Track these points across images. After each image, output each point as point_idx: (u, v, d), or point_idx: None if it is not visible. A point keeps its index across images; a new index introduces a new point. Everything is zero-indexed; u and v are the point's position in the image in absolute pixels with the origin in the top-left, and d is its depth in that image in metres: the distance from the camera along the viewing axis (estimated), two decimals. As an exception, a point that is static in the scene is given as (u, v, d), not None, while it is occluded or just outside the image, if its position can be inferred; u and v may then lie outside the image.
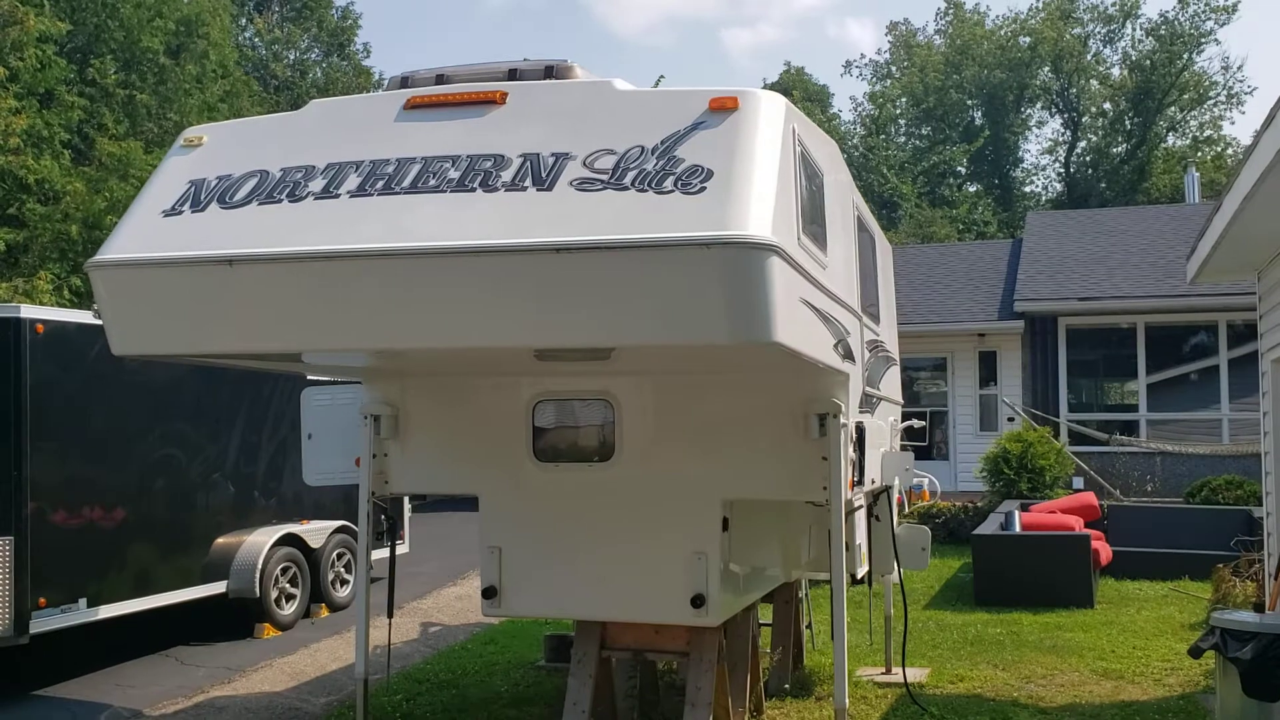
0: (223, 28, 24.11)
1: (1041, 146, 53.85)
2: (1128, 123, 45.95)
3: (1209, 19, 44.18)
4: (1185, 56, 44.47)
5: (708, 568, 6.08)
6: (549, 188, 4.42)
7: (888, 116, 47.96)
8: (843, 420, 5.88)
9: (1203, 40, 44.41)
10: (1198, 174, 28.54)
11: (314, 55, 33.96)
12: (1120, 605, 11.57)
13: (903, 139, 48.10)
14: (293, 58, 32.60)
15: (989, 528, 12.69)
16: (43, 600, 8.49)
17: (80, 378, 8.94)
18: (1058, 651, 9.59)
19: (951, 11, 49.40)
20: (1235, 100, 45.38)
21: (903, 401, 9.74)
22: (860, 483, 6.49)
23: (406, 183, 4.60)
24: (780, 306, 4.27)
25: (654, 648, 6.73)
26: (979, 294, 20.74)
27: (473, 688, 8.82)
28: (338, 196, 4.66)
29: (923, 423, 9.71)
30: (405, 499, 12.85)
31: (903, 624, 8.22)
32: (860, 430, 6.41)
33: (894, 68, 50.26)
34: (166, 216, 4.81)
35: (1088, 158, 47.61)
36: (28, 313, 8.54)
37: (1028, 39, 46.21)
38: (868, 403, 7.11)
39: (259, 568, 10.46)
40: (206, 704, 8.51)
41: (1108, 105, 46.67)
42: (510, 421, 6.44)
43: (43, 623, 8.49)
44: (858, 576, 7.10)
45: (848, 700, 6.09)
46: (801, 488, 6.06)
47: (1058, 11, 46.32)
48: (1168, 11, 46.14)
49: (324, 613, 11.66)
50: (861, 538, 7.07)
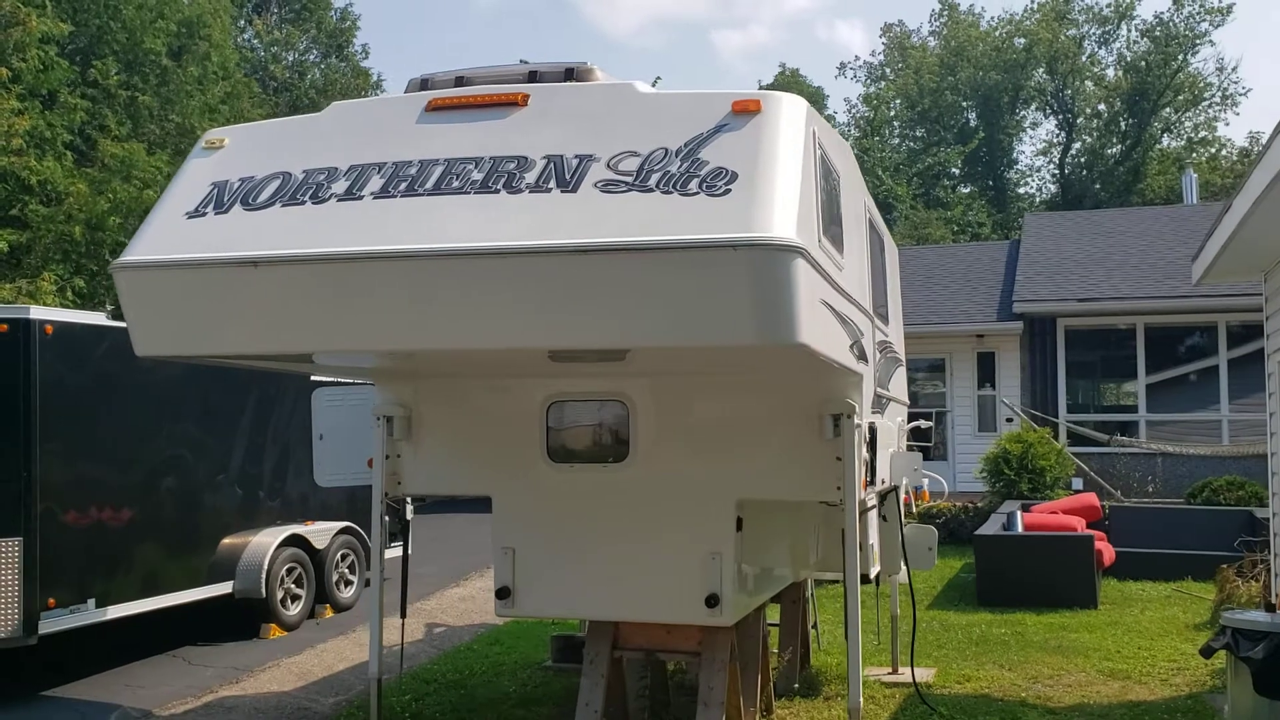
0: (224, 29, 24.08)
1: (1036, 148, 53.94)
2: (1122, 124, 46.08)
3: (1204, 20, 44.41)
4: (1180, 58, 44.62)
5: (722, 568, 6.10)
6: (573, 189, 4.44)
7: (882, 119, 48.00)
8: (857, 421, 5.91)
9: (1197, 41, 44.61)
10: (1195, 175, 28.64)
11: (312, 56, 33.96)
12: (1124, 606, 11.60)
13: (897, 141, 48.15)
14: (291, 59, 32.59)
15: (991, 528, 12.71)
16: (52, 601, 8.48)
17: (89, 379, 8.93)
18: (1063, 652, 9.62)
19: (946, 13, 49.49)
20: (1230, 101, 45.66)
21: (909, 402, 9.77)
22: (872, 483, 6.52)
23: (430, 184, 4.61)
24: (804, 308, 4.29)
25: (666, 648, 6.74)
26: (977, 295, 20.77)
27: (480, 688, 8.84)
28: (361, 198, 4.67)
29: (929, 423, 9.75)
30: (408, 500, 12.83)
31: (908, 624, 8.25)
32: (873, 430, 6.44)
33: (888, 69, 50.32)
34: (190, 218, 4.82)
35: (1082, 159, 47.72)
36: (37, 314, 8.53)
37: (1023, 40, 46.31)
38: (878, 403, 7.13)
39: (265, 568, 10.45)
40: (216, 704, 8.51)
41: (1102, 106, 46.80)
42: (524, 423, 6.45)
43: (52, 623, 8.48)
44: (870, 576, 7.13)
45: (861, 701, 6.11)
46: (815, 488, 6.09)
47: (1052, 13, 46.44)
48: (1162, 13, 46.31)
49: (328, 613, 11.66)
50: (874, 538, 7.10)
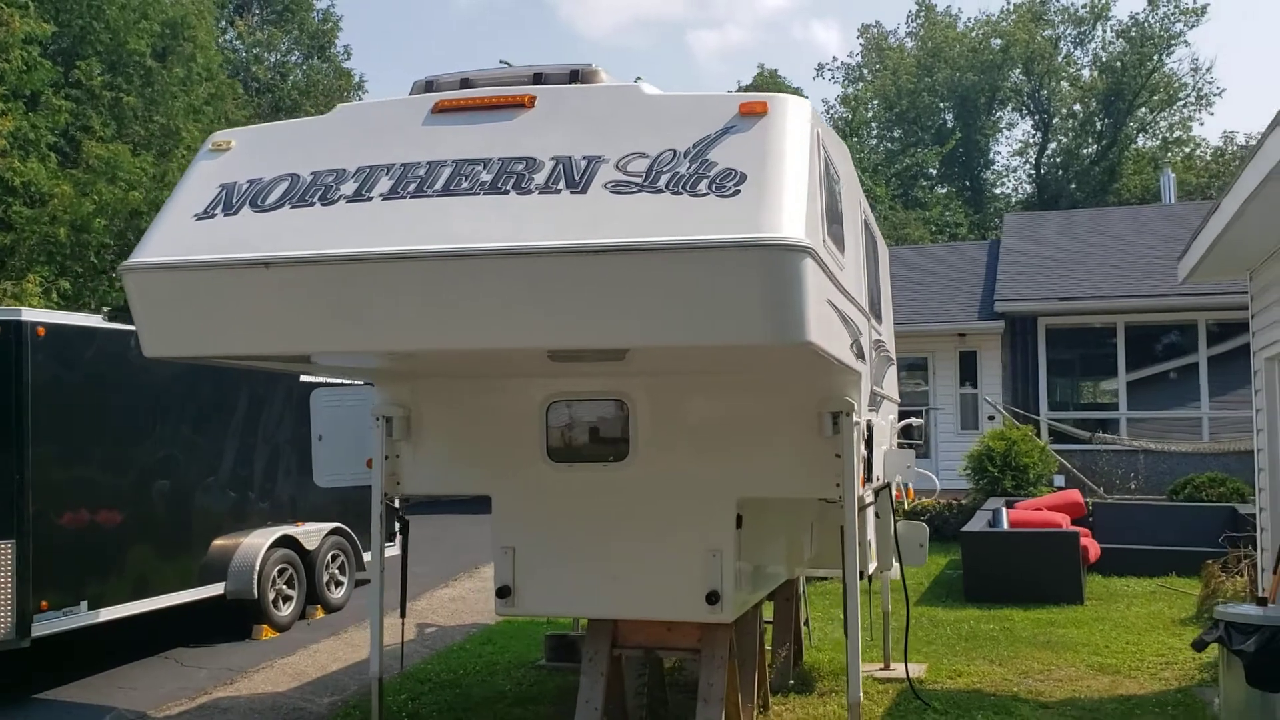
0: (208, 30, 23.97)
1: (1012, 148, 54.38)
2: (1098, 124, 46.44)
3: (1178, 21, 44.82)
4: (1155, 58, 45.01)
5: (722, 565, 6.15)
6: (583, 190, 4.47)
7: (860, 120, 48.19)
8: (856, 418, 5.97)
9: (1172, 42, 45.01)
10: (1173, 175, 28.90)
11: (295, 58, 33.81)
12: (1110, 601, 11.72)
13: (875, 141, 48.33)
14: (273, 60, 32.45)
15: (977, 525, 12.81)
16: (45, 603, 8.45)
17: (81, 380, 8.90)
18: (1052, 647, 9.72)
19: (923, 14, 49.74)
20: (1205, 102, 46.12)
21: (899, 400, 9.85)
22: (870, 480, 6.59)
23: (439, 185, 4.63)
24: (813, 307, 4.35)
25: (666, 645, 6.78)
26: (959, 295, 20.90)
27: (476, 687, 8.86)
28: (370, 199, 4.69)
29: (920, 420, 9.84)
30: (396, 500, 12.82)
31: (897, 621, 8.32)
32: (870, 428, 6.51)
33: (866, 70, 50.54)
34: (199, 220, 4.83)
35: (1058, 159, 48.07)
36: (29, 315, 8.51)
37: (999, 41, 46.60)
38: (874, 401, 7.20)
39: (257, 569, 10.44)
40: (211, 705, 8.50)
41: (1078, 107, 47.16)
42: (524, 422, 6.48)
43: (45, 626, 8.45)
44: (867, 573, 7.20)
45: (861, 695, 6.17)
46: (815, 485, 6.15)
47: (1029, 14, 46.76)
48: (1138, 13, 46.77)
49: (319, 614, 11.65)
50: (871, 535, 7.17)
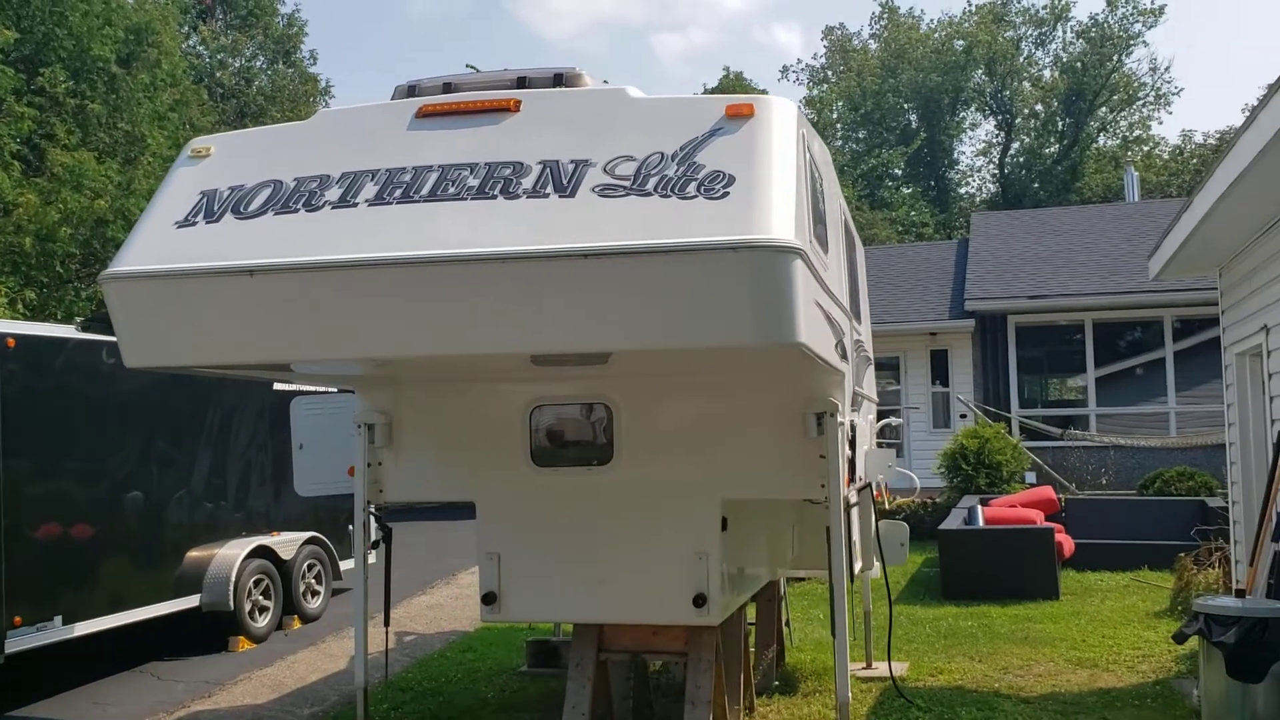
0: (173, 35, 23.70)
1: (976, 148, 54.69)
2: (1060, 124, 46.92)
3: (1137, 21, 45.34)
4: (1115, 58, 45.53)
5: (708, 567, 6.14)
6: (571, 194, 4.45)
7: (826, 121, 48.43)
8: (839, 419, 5.99)
9: (1131, 42, 45.54)
10: (1136, 173, 29.23)
11: (260, 62, 33.55)
12: (1084, 596, 11.83)
13: (840, 142, 48.57)
14: (238, 65, 32.16)
15: (953, 523, 12.88)
16: (18, 619, 8.33)
17: (53, 392, 8.78)
18: (1030, 642, 9.79)
19: (886, 16, 50.06)
20: (1163, 101, 46.71)
21: (878, 400, 9.90)
22: (854, 480, 6.60)
23: (425, 190, 4.60)
24: (802, 308, 4.35)
25: (652, 649, 6.77)
26: (929, 294, 21.04)
27: (458, 695, 8.81)
28: (355, 205, 4.64)
29: (900, 420, 9.88)
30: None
31: (877, 620, 8.34)
32: (853, 428, 6.53)
33: (830, 72, 50.80)
34: (180, 228, 4.76)
35: (1021, 159, 48.50)
36: (0, 327, 8.40)
37: (961, 42, 46.96)
38: (855, 401, 7.23)
39: (232, 580, 10.34)
40: (189, 718, 8.41)
41: (1040, 107, 47.59)
42: (507, 427, 6.45)
43: (19, 642, 8.33)
44: (855, 573, 7.21)
45: (849, 694, 6.18)
46: (800, 486, 6.16)
47: (990, 15, 47.16)
48: (1097, 14, 47.21)
49: (296, 624, 11.55)
50: (855, 534, 7.19)
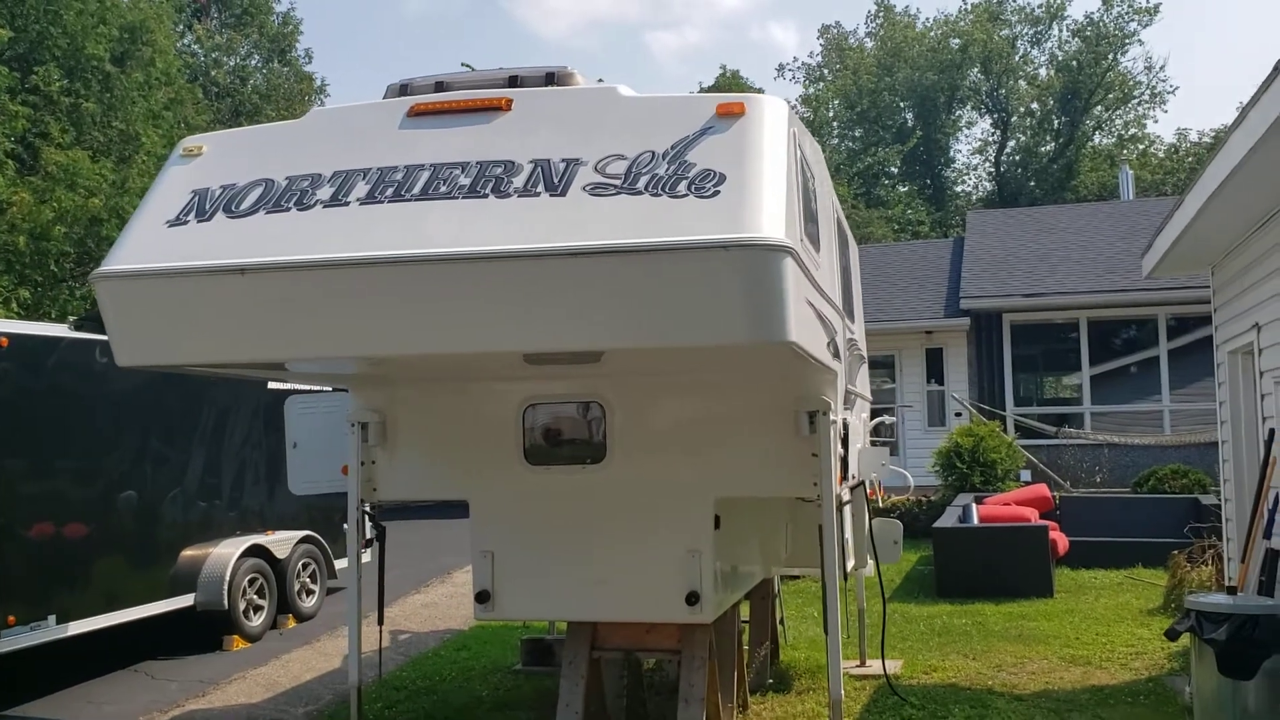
0: (167, 34, 23.67)
1: (972, 146, 54.79)
2: (1055, 122, 46.96)
3: (1132, 20, 45.42)
4: (1110, 57, 45.59)
5: (701, 565, 6.15)
6: (562, 193, 4.45)
7: (822, 119, 48.45)
8: (832, 417, 6.00)
9: (1126, 41, 45.60)
10: (1131, 172, 29.27)
11: (255, 61, 33.50)
12: (1078, 594, 11.85)
13: (836, 141, 48.60)
14: (233, 64, 32.12)
15: (948, 521, 12.90)
16: (12, 618, 8.32)
17: (46, 391, 8.78)
18: (1024, 640, 9.81)
19: (882, 14, 50.10)
20: (1158, 99, 46.77)
21: (871, 399, 9.91)
22: (846, 478, 6.61)
23: (417, 189, 4.60)
24: (793, 307, 4.36)
25: (645, 647, 6.78)
26: (924, 292, 21.06)
27: (453, 694, 8.81)
28: (347, 204, 4.65)
29: (893, 419, 9.89)
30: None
31: (871, 618, 8.35)
32: (846, 427, 6.54)
33: (826, 70, 50.81)
34: (172, 226, 4.76)
35: (1017, 157, 48.55)
36: (-7, 326, 8.41)
37: (957, 41, 47.00)
38: (848, 400, 7.23)
39: (227, 579, 10.34)
40: (183, 717, 8.42)
41: (1036, 105, 47.64)
42: (500, 426, 6.45)
43: (12, 641, 8.33)
44: (846, 571, 7.23)
45: (842, 692, 6.19)
46: (793, 484, 6.16)
47: (986, 13, 47.20)
48: (1093, 13, 47.24)
49: (291, 623, 11.54)
50: (848, 533, 7.20)
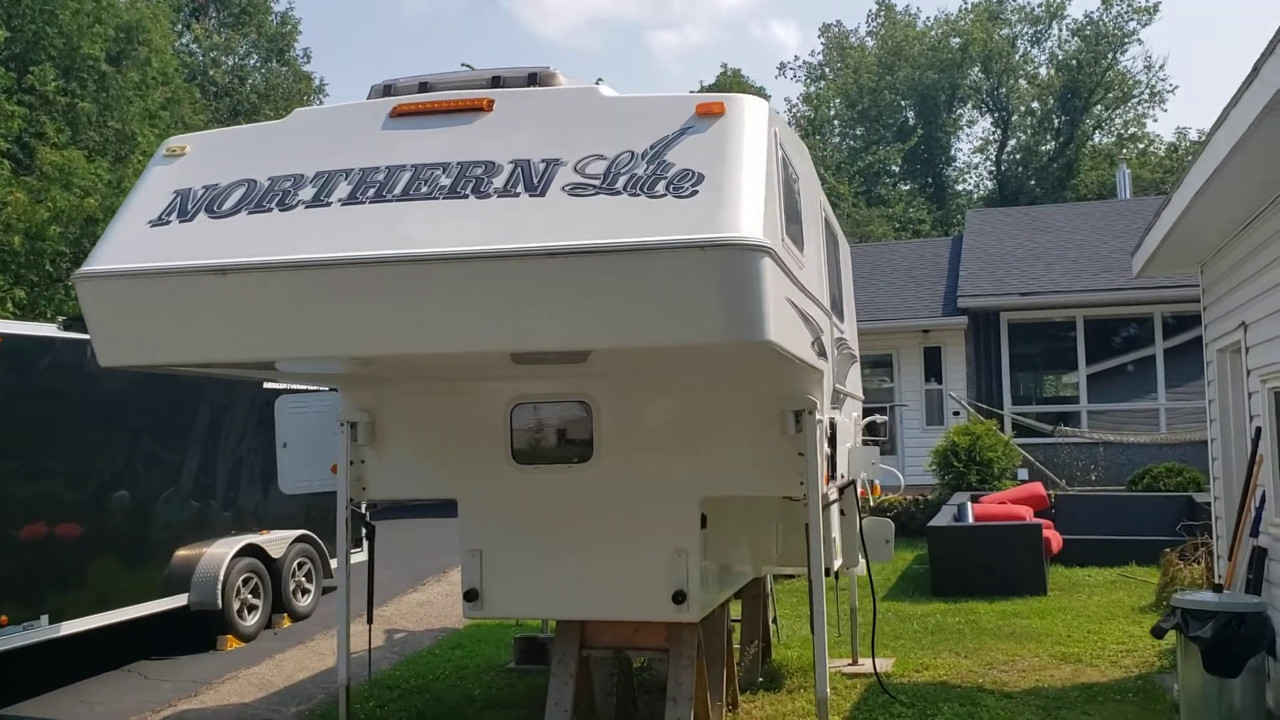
0: (163, 34, 23.69)
1: (973, 145, 54.79)
2: (1055, 121, 46.94)
3: (1131, 19, 45.38)
4: (1110, 56, 45.56)
5: (688, 564, 6.18)
6: (542, 194, 4.48)
7: (823, 118, 48.43)
8: (818, 417, 6.01)
9: (1126, 40, 45.57)
10: (1129, 171, 29.26)
11: (253, 61, 33.54)
12: (1072, 592, 11.87)
13: (838, 139, 48.58)
14: (231, 63, 32.14)
15: (943, 520, 12.92)
16: (5, 618, 8.35)
17: (38, 391, 8.80)
18: (1016, 638, 9.83)
19: (883, 13, 50.10)
20: (1158, 98, 46.74)
21: (863, 397, 9.92)
22: (834, 477, 6.63)
23: (398, 190, 4.63)
24: (771, 306, 4.38)
25: (634, 645, 6.81)
26: (922, 291, 21.06)
27: (445, 692, 8.84)
28: (329, 205, 4.67)
29: (885, 417, 9.90)
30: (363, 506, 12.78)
31: (864, 616, 8.37)
32: (833, 426, 6.55)
33: (828, 69, 50.79)
34: (154, 226, 4.79)
35: (1017, 156, 48.52)
36: (-15, 326, 8.43)
37: (958, 40, 47.00)
38: (836, 399, 7.25)
39: (221, 579, 10.35)
40: (176, 717, 8.44)
41: (1036, 104, 47.62)
42: (488, 425, 6.49)
43: (5, 641, 8.36)
44: (833, 570, 7.24)
45: (829, 691, 6.22)
46: (779, 484, 6.18)
47: (986, 13, 47.20)
48: (1092, 12, 47.27)
49: (286, 623, 11.56)
50: (836, 532, 7.21)
